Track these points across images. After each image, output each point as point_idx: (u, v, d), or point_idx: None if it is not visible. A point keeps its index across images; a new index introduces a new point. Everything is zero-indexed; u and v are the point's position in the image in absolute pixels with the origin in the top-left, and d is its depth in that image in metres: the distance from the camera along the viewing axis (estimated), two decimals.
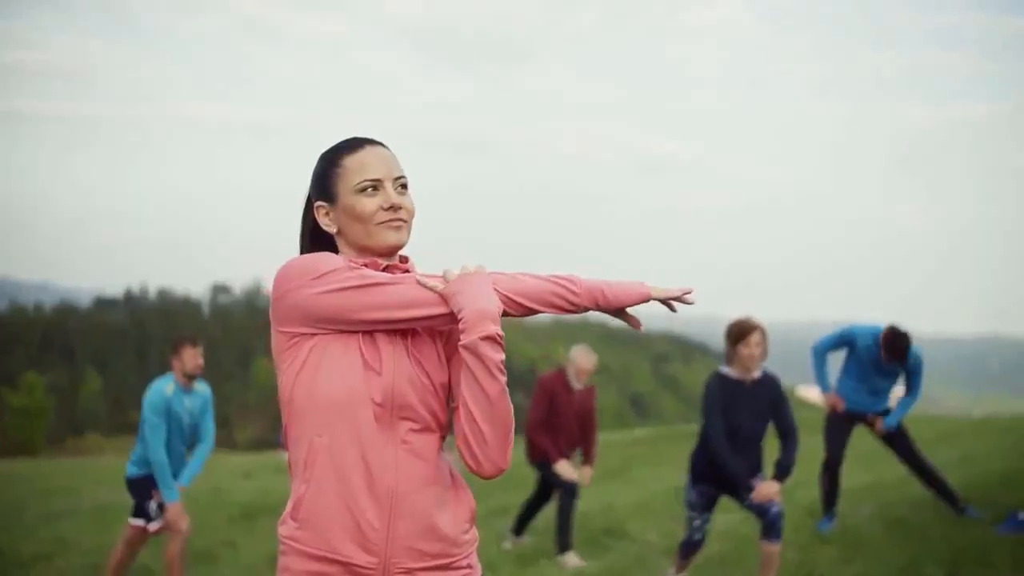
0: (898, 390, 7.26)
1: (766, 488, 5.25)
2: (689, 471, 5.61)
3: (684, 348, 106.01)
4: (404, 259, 2.23)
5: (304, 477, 2.09)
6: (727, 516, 7.41)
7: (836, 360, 7.27)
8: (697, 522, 5.60)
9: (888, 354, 6.82)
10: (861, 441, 11.02)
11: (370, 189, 2.13)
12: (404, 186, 2.18)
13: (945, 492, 7.10)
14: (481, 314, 2.02)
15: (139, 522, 6.18)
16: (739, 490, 5.36)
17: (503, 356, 2.04)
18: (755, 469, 5.40)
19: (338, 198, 2.16)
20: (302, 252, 2.28)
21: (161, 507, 6.08)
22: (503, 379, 2.05)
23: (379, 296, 2.05)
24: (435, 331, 2.18)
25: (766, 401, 5.42)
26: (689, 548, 5.75)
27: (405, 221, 2.16)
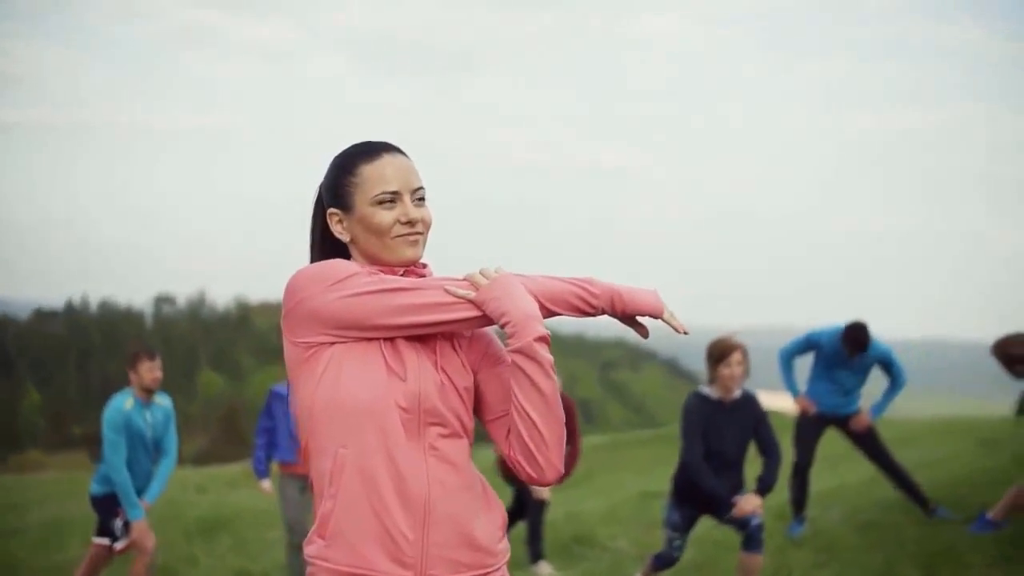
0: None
1: (747, 502, 5.20)
2: (672, 492, 5.54)
3: (633, 355, 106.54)
4: (422, 265, 2.16)
5: (330, 492, 2.00)
6: (700, 523, 7.37)
7: (803, 366, 7.29)
8: (678, 542, 5.54)
9: (850, 347, 6.87)
10: (826, 444, 11.07)
11: (388, 202, 2.06)
12: (422, 198, 2.11)
13: (915, 493, 7.14)
14: (528, 316, 1.97)
15: (103, 541, 6.01)
16: (720, 509, 5.31)
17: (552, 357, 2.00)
18: (737, 489, 5.35)
19: (354, 208, 2.08)
20: (313, 259, 2.20)
21: (126, 525, 5.90)
22: (556, 380, 2.01)
23: (403, 300, 1.98)
24: (456, 336, 2.11)
25: (747, 420, 5.37)
26: (664, 563, 5.69)
27: (421, 234, 2.10)
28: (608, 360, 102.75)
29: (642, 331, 2.16)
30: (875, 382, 7.32)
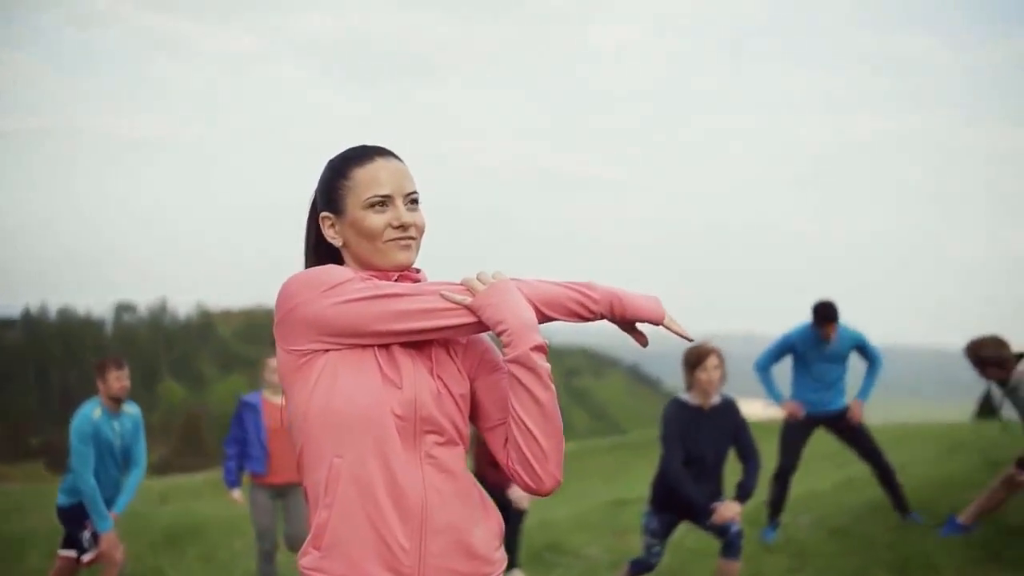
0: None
1: (727, 509, 5.20)
2: (651, 499, 5.53)
3: (596, 362, 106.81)
4: (416, 270, 2.13)
5: (325, 502, 1.95)
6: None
7: (783, 376, 7.31)
8: (656, 548, 5.53)
9: (821, 324, 6.92)
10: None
11: (379, 205, 2.03)
12: (415, 202, 2.08)
13: (898, 495, 7.14)
14: (525, 325, 1.94)
15: (70, 553, 5.91)
16: (699, 516, 5.31)
17: (550, 366, 1.97)
18: (716, 495, 5.35)
19: (345, 211, 2.05)
20: (307, 263, 2.17)
21: (95, 537, 5.81)
22: (553, 389, 1.98)
23: (398, 306, 1.95)
24: (452, 342, 2.08)
25: (727, 426, 5.37)
26: (642, 568, 5.68)
27: (414, 239, 2.07)
28: (571, 367, 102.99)
29: (640, 339, 2.14)
30: (854, 382, 7.33)
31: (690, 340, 2.15)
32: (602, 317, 2.09)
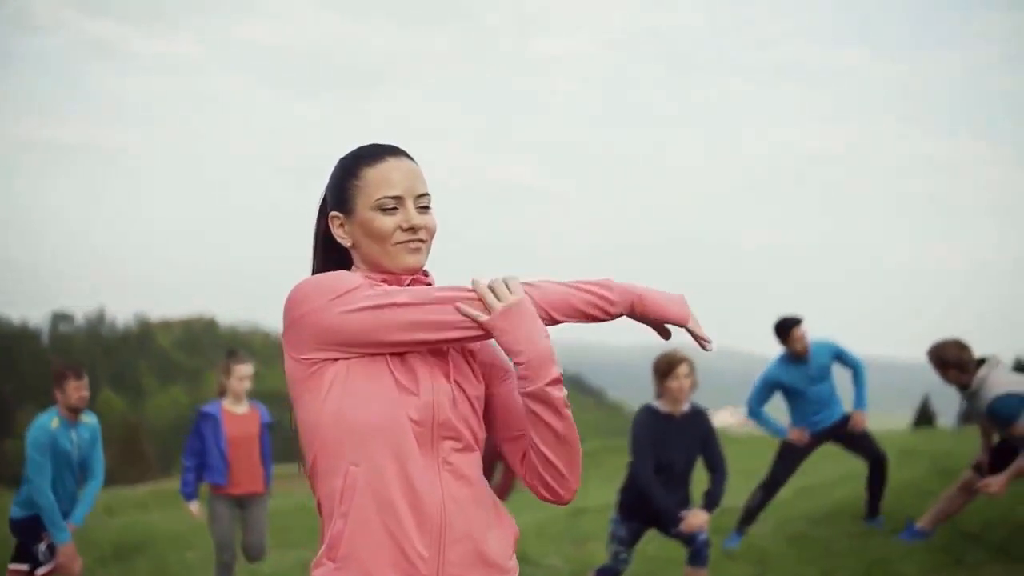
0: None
1: (694, 518, 5.23)
2: (618, 507, 5.53)
3: None
4: (424, 273, 2.08)
5: (340, 511, 1.90)
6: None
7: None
8: (624, 555, 5.54)
9: (787, 340, 6.96)
10: (745, 460, 11.24)
11: (390, 207, 1.98)
12: (426, 205, 2.03)
13: (877, 499, 7.20)
14: (542, 357, 1.90)
15: (22, 567, 5.74)
16: (667, 524, 5.32)
17: (566, 391, 1.94)
18: (684, 503, 5.37)
19: (355, 212, 2.00)
20: (314, 263, 2.12)
21: (51, 549, 5.66)
22: (569, 413, 1.95)
23: (408, 317, 1.89)
24: (466, 349, 2.05)
25: (696, 434, 5.40)
26: (608, 575, 5.68)
27: (424, 242, 2.01)
28: None
29: (664, 334, 2.09)
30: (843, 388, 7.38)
31: (708, 348, 2.08)
32: (621, 315, 2.05)
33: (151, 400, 69.62)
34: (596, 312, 2.01)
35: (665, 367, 5.28)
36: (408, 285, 2.00)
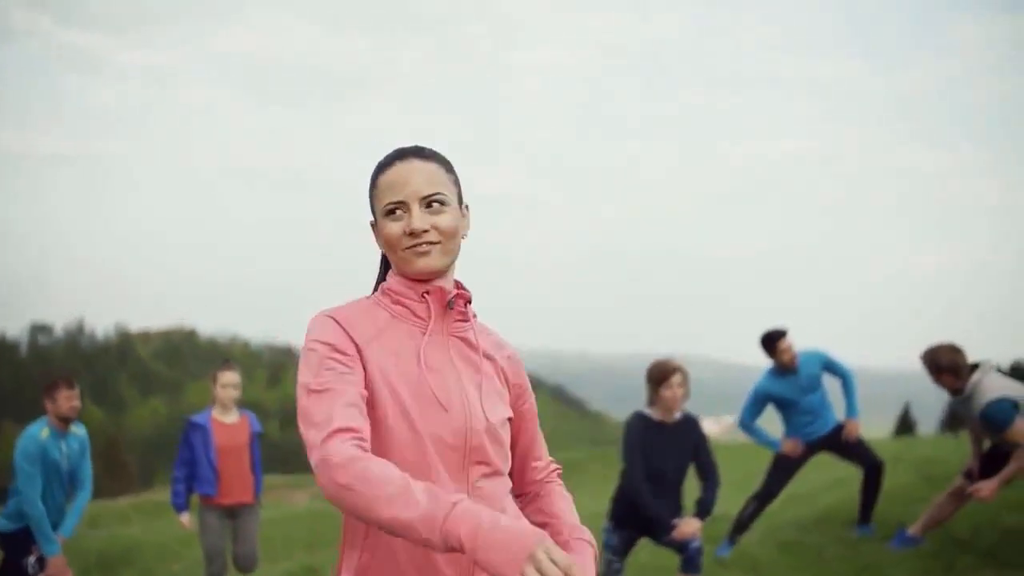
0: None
1: (687, 526, 5.23)
2: (611, 515, 5.53)
3: None
4: (459, 284, 2.03)
5: (367, 543, 1.86)
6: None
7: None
8: (617, 565, 5.54)
9: (774, 352, 6.99)
10: (734, 468, 11.27)
11: (395, 212, 1.93)
12: (439, 203, 1.92)
13: (870, 506, 7.22)
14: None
15: None
16: (660, 532, 5.32)
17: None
18: (676, 510, 5.37)
19: (376, 221, 1.99)
20: (379, 271, 2.12)
21: (41, 561, 5.62)
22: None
23: (308, 417, 1.81)
24: (498, 364, 2.03)
25: (688, 442, 5.41)
26: None
27: (434, 243, 1.92)
28: None
29: None
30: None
31: None
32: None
33: (131, 412, 69.14)
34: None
35: (659, 375, 5.29)
36: (427, 295, 1.96)
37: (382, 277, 2.09)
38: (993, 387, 5.72)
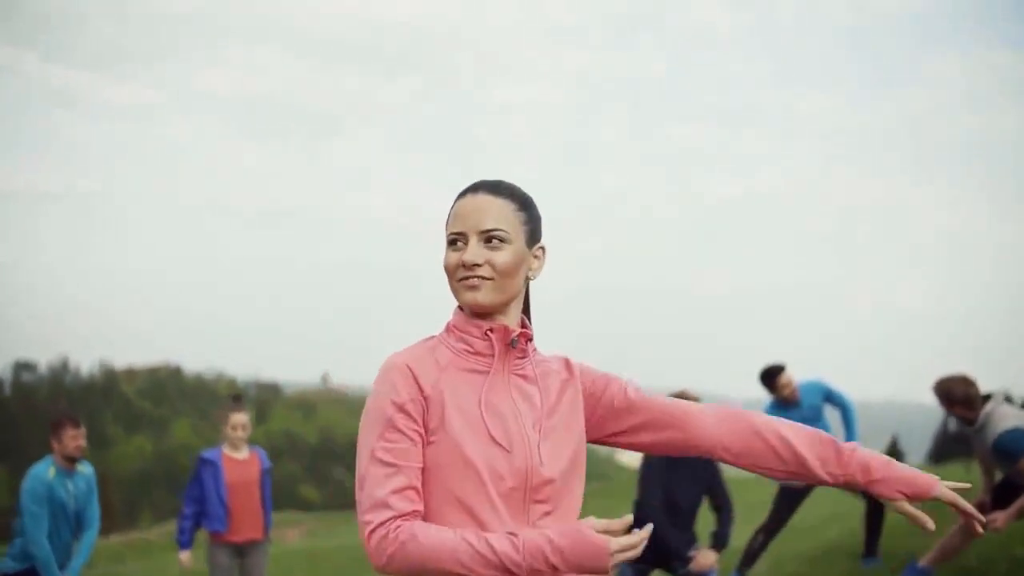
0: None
1: (704, 558, 5.24)
2: None
3: None
4: (524, 323, 2.02)
5: None
6: None
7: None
8: None
9: (774, 388, 7.02)
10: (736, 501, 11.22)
11: (456, 243, 1.93)
12: (499, 239, 1.91)
13: (876, 537, 7.20)
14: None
15: None
16: (676, 563, 5.30)
17: None
18: (691, 541, 5.36)
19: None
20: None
21: None
22: None
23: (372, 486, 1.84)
24: (585, 393, 2.01)
25: (703, 474, 5.41)
26: None
27: (484, 279, 1.90)
28: None
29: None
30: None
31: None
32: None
33: (116, 449, 68.54)
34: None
35: None
36: (490, 332, 1.94)
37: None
38: (1006, 416, 5.72)
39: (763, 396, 7.20)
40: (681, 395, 5.34)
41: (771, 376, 7.03)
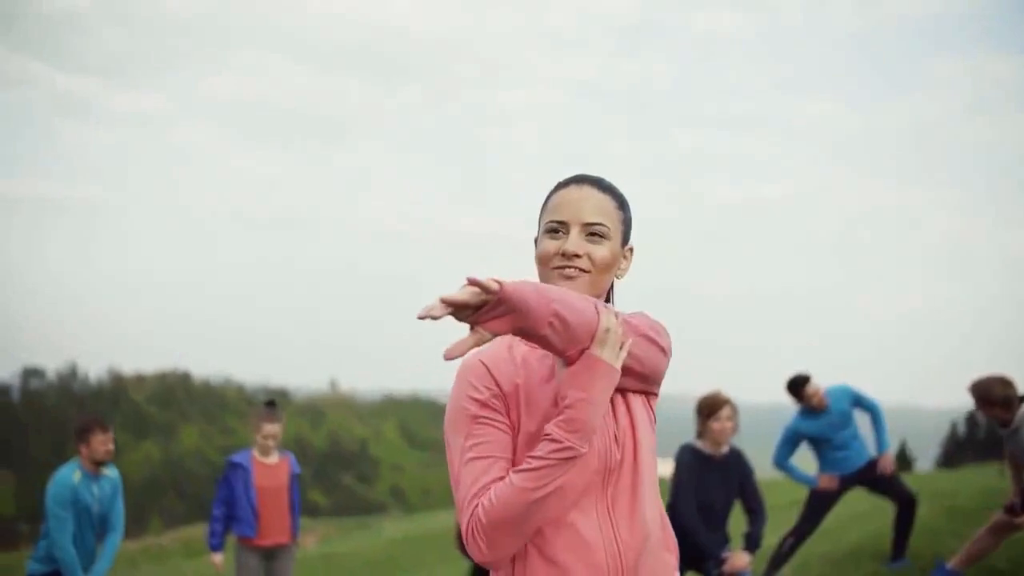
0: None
1: (738, 559, 5.22)
2: None
3: None
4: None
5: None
6: None
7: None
8: None
9: (802, 397, 7.02)
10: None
11: (553, 231, 1.94)
12: (600, 235, 1.93)
13: (904, 539, 7.15)
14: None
15: None
16: (707, 565, 5.28)
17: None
18: (724, 543, 5.35)
19: (537, 236, 2.00)
20: None
21: None
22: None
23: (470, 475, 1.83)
24: (643, 390, 1.99)
25: (736, 475, 5.41)
26: None
27: (583, 271, 1.92)
28: None
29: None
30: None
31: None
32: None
33: (125, 456, 68.60)
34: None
35: (708, 409, 5.30)
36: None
37: None
38: None
39: (769, 400, 7.18)
40: (714, 396, 5.34)
41: (797, 386, 7.04)
